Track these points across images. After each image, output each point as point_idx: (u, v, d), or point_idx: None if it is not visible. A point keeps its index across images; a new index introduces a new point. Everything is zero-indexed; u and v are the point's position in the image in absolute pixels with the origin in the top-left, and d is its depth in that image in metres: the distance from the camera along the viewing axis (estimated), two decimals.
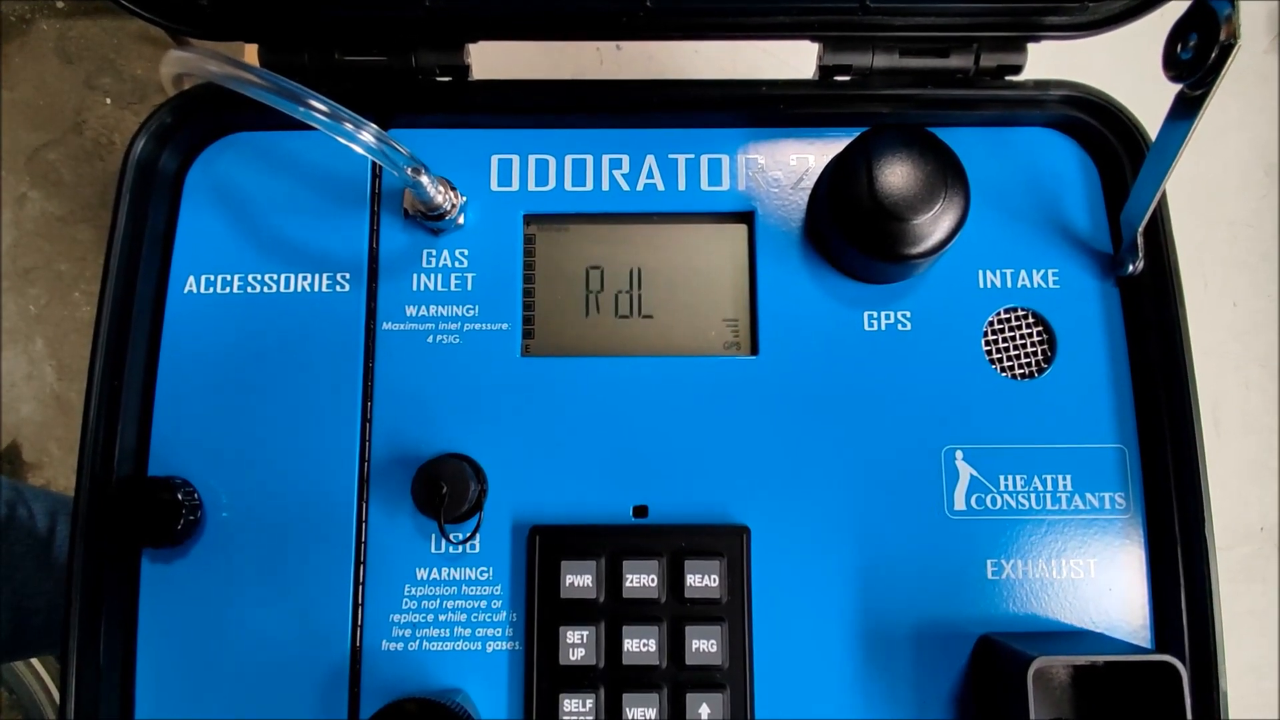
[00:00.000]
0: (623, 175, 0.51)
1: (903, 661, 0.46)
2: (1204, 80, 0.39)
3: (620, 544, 0.45)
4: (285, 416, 0.47)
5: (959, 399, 0.48)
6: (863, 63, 0.49)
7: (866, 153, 0.46)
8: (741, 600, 0.45)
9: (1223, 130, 0.75)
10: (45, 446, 1.27)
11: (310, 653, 0.45)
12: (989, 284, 0.49)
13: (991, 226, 0.50)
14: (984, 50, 0.49)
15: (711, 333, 0.49)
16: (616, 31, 0.49)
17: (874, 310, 0.49)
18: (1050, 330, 0.49)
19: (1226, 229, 0.73)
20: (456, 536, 0.46)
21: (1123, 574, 0.47)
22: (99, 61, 1.33)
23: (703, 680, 0.44)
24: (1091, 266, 0.49)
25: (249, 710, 0.45)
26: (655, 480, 0.47)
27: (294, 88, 0.40)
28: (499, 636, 0.46)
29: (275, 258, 0.49)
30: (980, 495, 0.47)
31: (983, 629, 0.46)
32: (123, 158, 0.48)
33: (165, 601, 0.46)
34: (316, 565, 0.46)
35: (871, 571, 0.46)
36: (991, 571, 0.46)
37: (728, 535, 0.46)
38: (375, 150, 0.42)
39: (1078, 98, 0.50)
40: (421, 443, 0.47)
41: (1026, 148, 0.51)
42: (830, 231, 0.47)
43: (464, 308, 0.49)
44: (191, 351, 0.48)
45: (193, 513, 0.45)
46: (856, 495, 0.47)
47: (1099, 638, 0.45)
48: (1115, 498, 0.47)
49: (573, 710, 0.44)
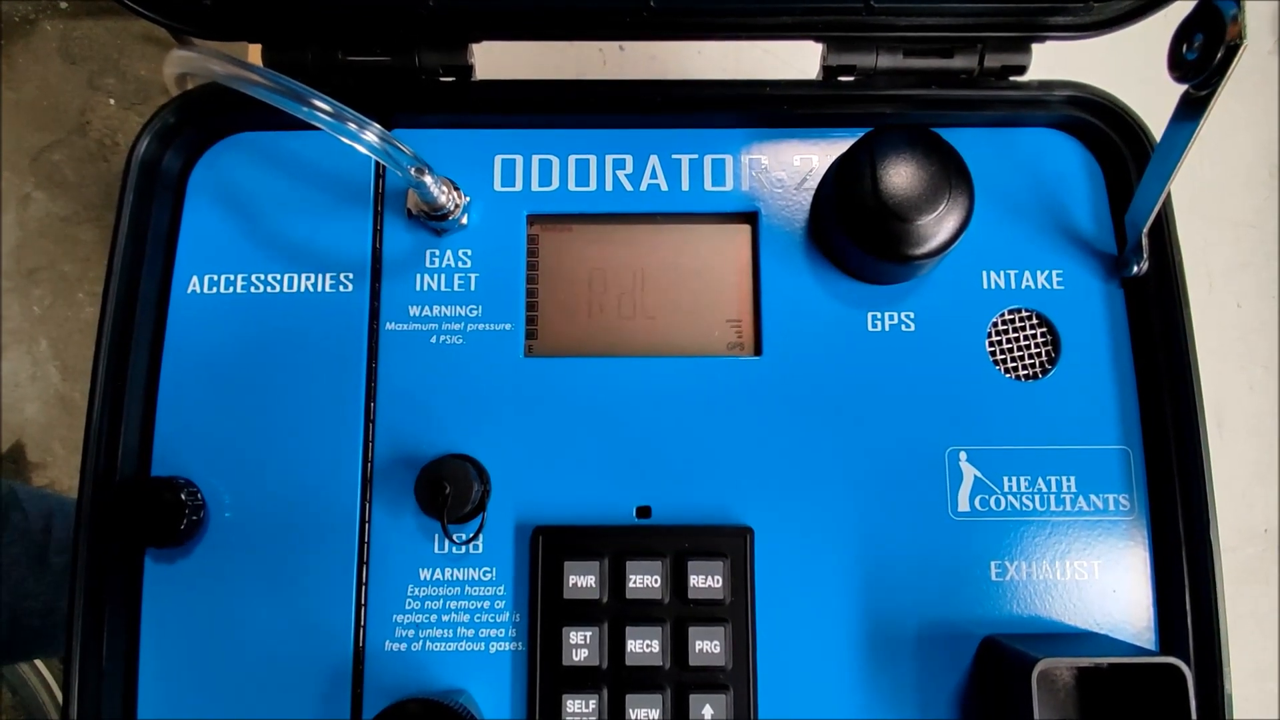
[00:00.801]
0: (626, 175, 0.51)
1: (906, 663, 0.45)
2: (1209, 81, 0.39)
3: (623, 544, 0.45)
4: (288, 416, 0.47)
5: (963, 400, 0.48)
6: (867, 63, 0.49)
7: (871, 153, 0.45)
8: (745, 601, 0.45)
9: (1227, 131, 0.75)
10: (49, 446, 1.27)
11: (313, 653, 0.45)
12: (993, 285, 0.49)
13: (996, 227, 0.50)
14: (988, 51, 0.49)
15: (715, 333, 0.49)
16: (620, 31, 0.49)
17: (878, 311, 0.49)
18: (1054, 331, 0.49)
19: (1231, 230, 0.73)
20: (460, 537, 0.46)
21: (1127, 576, 0.46)
22: (102, 62, 1.33)
23: (706, 681, 0.44)
24: (1096, 268, 0.49)
25: (252, 710, 0.45)
26: (658, 481, 0.47)
27: (297, 87, 0.40)
28: (502, 637, 0.46)
29: (278, 258, 0.49)
30: (984, 496, 0.47)
31: (987, 630, 0.45)
32: (126, 158, 0.48)
33: (168, 601, 0.46)
34: (319, 565, 0.46)
35: (875, 573, 0.46)
36: (995, 573, 0.46)
37: (731, 536, 0.46)
38: (379, 150, 0.42)
39: (1082, 98, 0.49)
40: (424, 443, 0.47)
41: (1031, 148, 0.51)
42: (834, 232, 0.47)
43: (467, 308, 0.49)
44: (195, 351, 0.48)
45: (196, 513, 0.45)
46: (860, 496, 0.47)
47: (1103, 639, 0.45)
48: (1119, 499, 0.47)
49: (576, 711, 0.44)
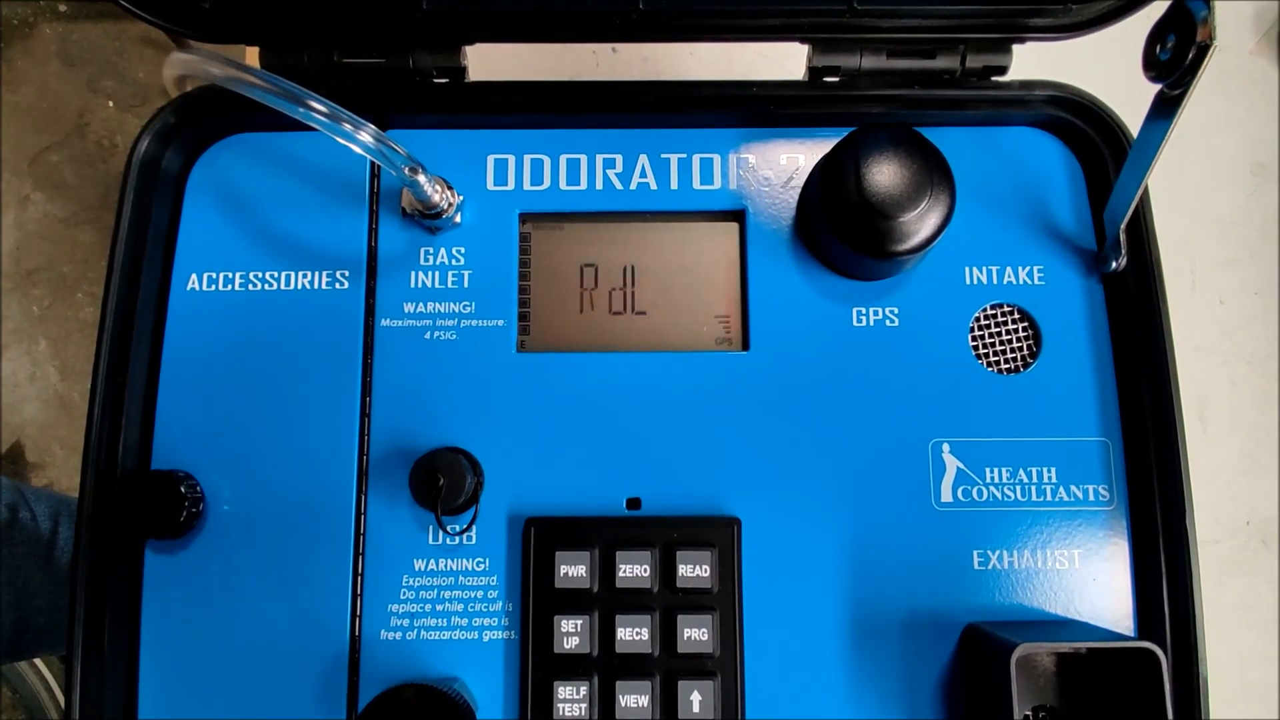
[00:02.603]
0: (616, 175, 0.51)
1: (891, 650, 0.46)
2: (1182, 80, 0.40)
3: (613, 535, 0.46)
4: (286, 411, 0.48)
5: (946, 393, 0.49)
6: (851, 64, 0.50)
7: (855, 152, 0.46)
8: (732, 590, 0.46)
9: (1211, 130, 0.76)
10: (48, 447, 1.28)
11: (310, 642, 0.46)
12: (975, 281, 0.50)
13: (978, 224, 0.51)
14: (970, 51, 0.50)
15: (703, 328, 0.50)
16: (610, 33, 0.49)
17: (863, 306, 0.50)
18: (1035, 326, 0.50)
19: (1215, 226, 0.74)
20: (453, 528, 0.47)
21: (1106, 564, 0.47)
22: (101, 65, 1.34)
23: (694, 668, 0.45)
24: (1076, 263, 0.50)
25: (249, 698, 0.46)
26: (648, 473, 0.48)
27: (294, 89, 0.40)
28: (495, 626, 0.47)
29: (276, 256, 0.50)
30: (967, 487, 0.48)
31: (969, 618, 0.46)
32: (127, 157, 0.49)
33: (168, 592, 0.47)
34: (316, 557, 0.47)
35: (860, 562, 0.47)
36: (978, 562, 0.47)
37: (719, 526, 0.46)
38: (374, 150, 0.43)
39: (1062, 98, 0.50)
40: (419, 437, 0.48)
41: (1012, 147, 0.52)
42: (820, 229, 0.48)
43: (461, 304, 0.50)
44: (194, 348, 0.49)
45: (195, 505, 0.46)
46: (845, 487, 0.48)
47: (1083, 626, 0.46)
48: (1099, 490, 0.48)
49: (567, 698, 0.45)
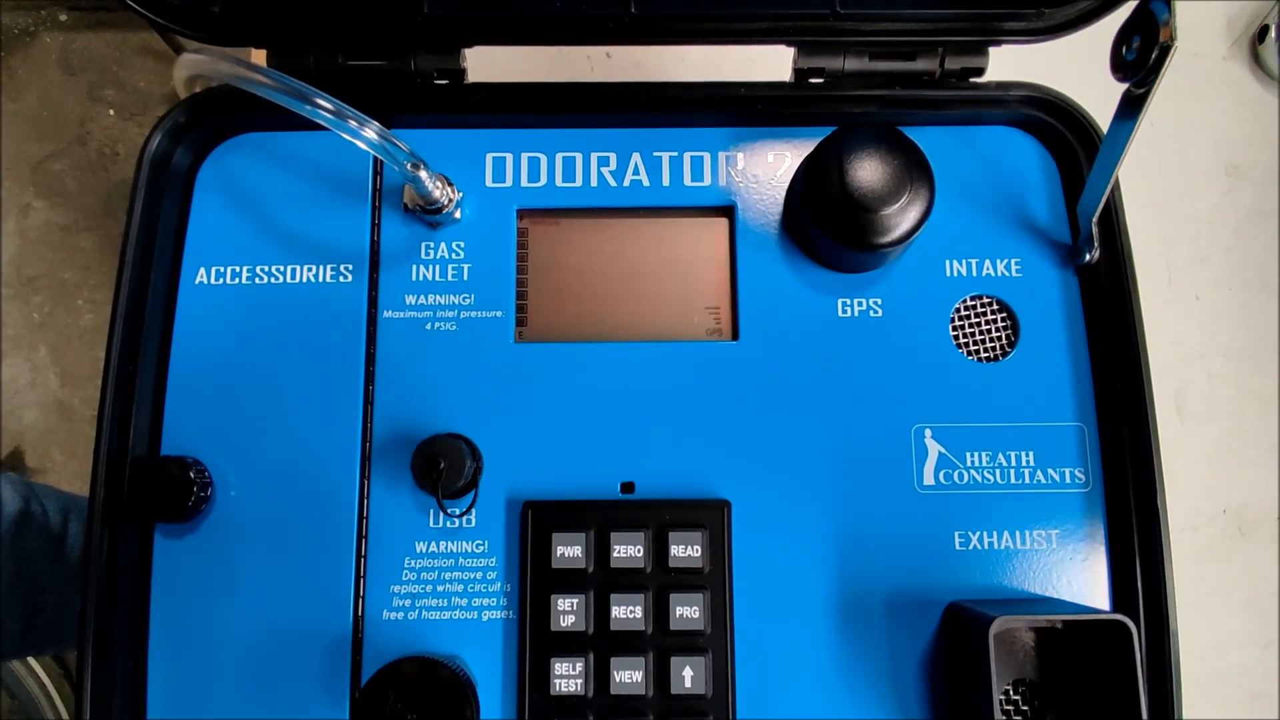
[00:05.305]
0: (610, 172, 0.53)
1: (876, 628, 0.48)
2: (1146, 79, 0.42)
3: (608, 517, 0.48)
4: (291, 400, 0.50)
5: (928, 381, 0.50)
6: (834, 66, 0.52)
7: (838, 149, 0.48)
8: (723, 570, 0.47)
9: (1186, 133, 0.78)
10: (48, 453, 1.28)
11: (314, 622, 0.48)
12: (955, 273, 0.52)
13: (958, 219, 0.52)
14: (948, 54, 0.52)
15: (694, 319, 0.52)
16: (603, 36, 0.51)
17: (847, 298, 0.52)
18: (1013, 316, 0.52)
19: (1190, 225, 0.76)
20: (454, 511, 0.49)
21: (1083, 544, 0.49)
22: (102, 74, 1.35)
23: (686, 645, 0.47)
24: (1052, 256, 0.52)
25: (256, 677, 0.47)
26: (641, 458, 0.49)
27: (302, 87, 0.42)
28: (494, 605, 0.48)
29: (282, 250, 0.52)
30: (948, 471, 0.50)
31: (951, 597, 0.48)
32: (139, 154, 0.50)
33: (176, 575, 0.48)
34: (320, 540, 0.48)
35: (846, 543, 0.49)
36: (959, 543, 0.49)
37: (710, 509, 0.48)
38: (378, 146, 0.44)
39: (1037, 98, 0.52)
40: (420, 423, 0.50)
41: (990, 145, 0.54)
42: (805, 223, 0.50)
43: (460, 296, 0.51)
44: (202, 339, 0.51)
45: (204, 490, 0.48)
46: (831, 471, 0.49)
47: (1059, 603, 0.48)
48: (1075, 473, 0.50)
49: (564, 673, 0.46)
